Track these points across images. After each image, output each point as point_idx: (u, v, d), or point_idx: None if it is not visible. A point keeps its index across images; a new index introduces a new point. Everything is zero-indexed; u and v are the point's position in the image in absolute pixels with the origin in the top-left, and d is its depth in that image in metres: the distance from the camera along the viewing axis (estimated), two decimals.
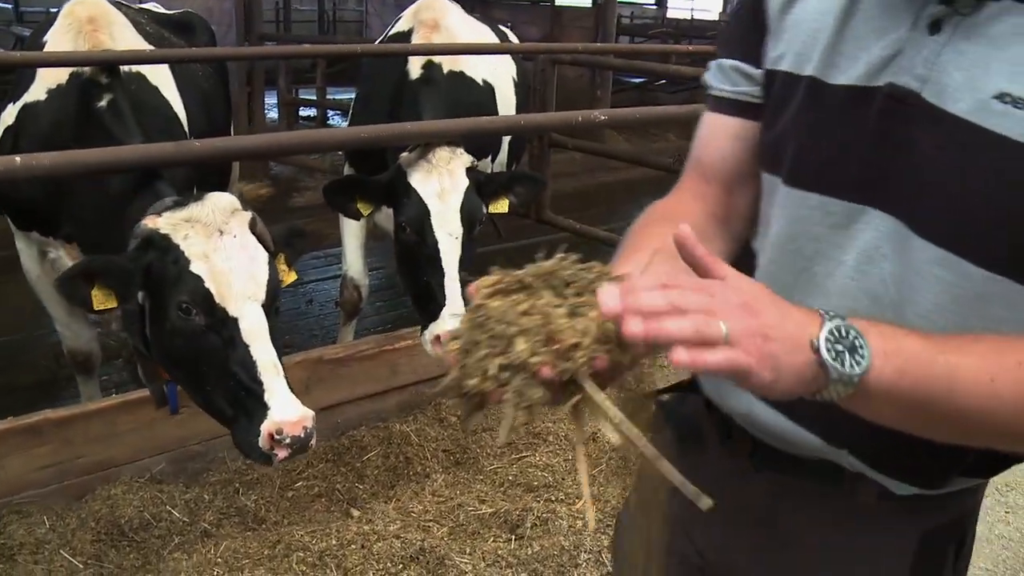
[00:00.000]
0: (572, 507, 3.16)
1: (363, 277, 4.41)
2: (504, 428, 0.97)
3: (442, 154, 3.36)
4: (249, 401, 2.37)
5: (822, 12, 1.14)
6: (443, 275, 3.24)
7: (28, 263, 3.43)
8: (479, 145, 3.57)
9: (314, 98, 9.54)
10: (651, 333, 0.88)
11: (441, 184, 3.32)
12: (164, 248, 2.44)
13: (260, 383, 2.36)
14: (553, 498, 3.23)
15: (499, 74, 4.52)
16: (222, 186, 4.12)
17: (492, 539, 2.95)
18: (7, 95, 3.42)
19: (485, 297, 0.99)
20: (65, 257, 3.23)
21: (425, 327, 3.24)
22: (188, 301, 2.40)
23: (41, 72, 3.21)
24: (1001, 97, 0.97)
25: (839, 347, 0.90)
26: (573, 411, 0.97)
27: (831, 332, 0.90)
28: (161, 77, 3.46)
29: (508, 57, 4.74)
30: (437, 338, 3.14)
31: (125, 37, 3.45)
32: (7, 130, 3.25)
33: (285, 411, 2.33)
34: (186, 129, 3.46)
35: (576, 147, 6.18)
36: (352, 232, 4.32)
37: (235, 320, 2.39)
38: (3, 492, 2.90)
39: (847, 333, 0.90)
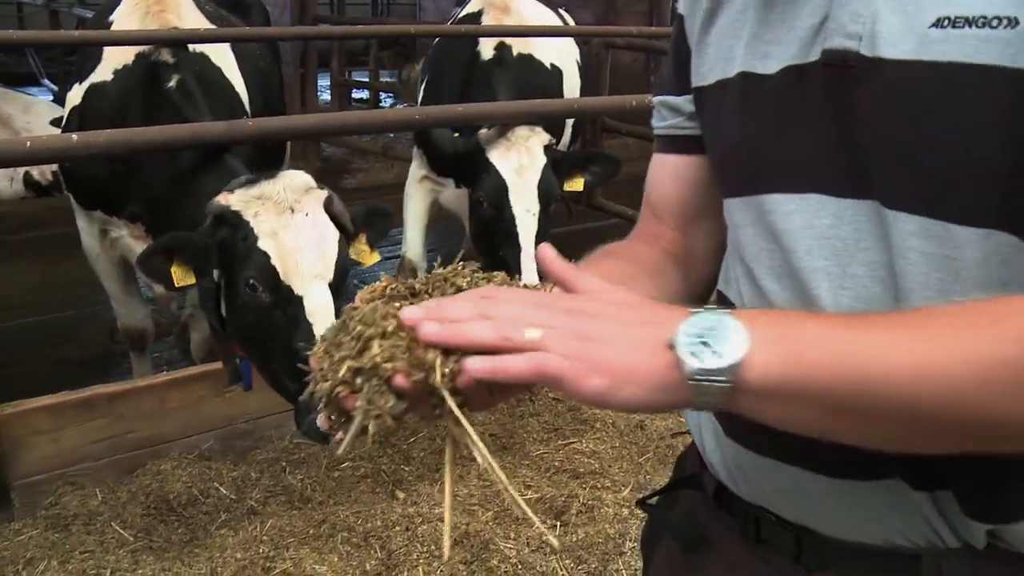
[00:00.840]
0: (618, 495, 3.14)
1: (421, 260, 4.42)
2: (348, 437, 0.89)
3: (521, 131, 3.40)
4: (291, 385, 2.36)
5: (743, 9, 1.03)
6: (519, 250, 3.30)
7: (89, 241, 3.47)
8: (544, 127, 3.56)
9: (367, 80, 9.56)
10: (445, 336, 0.82)
11: (520, 160, 3.38)
12: (235, 225, 2.46)
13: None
14: (599, 485, 3.20)
15: (565, 58, 4.49)
16: (276, 166, 4.15)
17: (536, 525, 2.92)
18: (72, 75, 3.46)
19: (364, 300, 0.94)
20: (128, 236, 3.27)
21: None
22: (255, 278, 2.41)
23: (107, 52, 3.23)
24: (939, 23, 0.84)
25: (700, 340, 0.77)
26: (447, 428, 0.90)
27: (691, 325, 0.78)
28: (224, 57, 3.47)
29: (572, 41, 4.70)
30: None
31: (189, 17, 3.48)
32: (73, 109, 3.28)
33: None
34: (248, 109, 3.48)
35: (630, 132, 6.11)
36: (416, 213, 4.31)
37: (300, 298, 2.40)
38: (59, 464, 2.96)
39: (713, 325, 0.77)
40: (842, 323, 0.79)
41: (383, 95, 10.20)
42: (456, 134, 3.58)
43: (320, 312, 2.40)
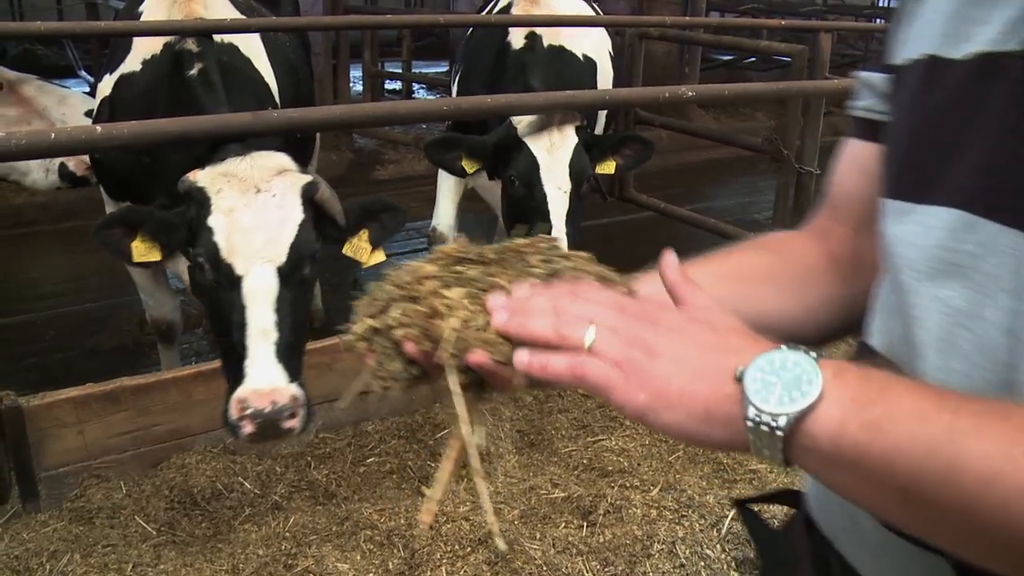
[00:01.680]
0: (647, 495, 3.08)
1: (450, 231, 4.40)
2: (347, 393, 0.92)
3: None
4: (238, 365, 2.29)
5: None
6: (551, 227, 3.32)
7: None
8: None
9: (399, 71, 9.53)
10: (511, 328, 0.80)
11: (551, 139, 3.38)
12: (200, 201, 2.41)
13: (246, 347, 2.26)
14: (628, 484, 3.15)
15: (599, 49, 4.44)
16: (306, 157, 4.12)
17: (563, 525, 2.88)
18: (103, 66, 3.45)
19: (426, 261, 0.92)
20: None
21: None
22: (201, 253, 2.35)
23: (136, 43, 3.22)
24: None
25: (771, 378, 0.69)
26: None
27: (769, 361, 0.71)
28: (253, 47, 3.44)
29: (604, 32, 4.64)
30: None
31: (217, 6, 3.45)
32: (104, 100, 3.27)
33: (256, 380, 2.22)
34: (277, 100, 3.45)
35: (663, 124, 6.03)
36: (448, 188, 4.30)
37: (240, 278, 2.31)
38: (83, 456, 2.95)
39: (793, 364, 0.70)
40: (939, 403, 0.67)
41: (416, 86, 10.16)
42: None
43: (257, 295, 2.30)
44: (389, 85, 10.25)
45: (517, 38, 3.88)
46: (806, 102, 4.57)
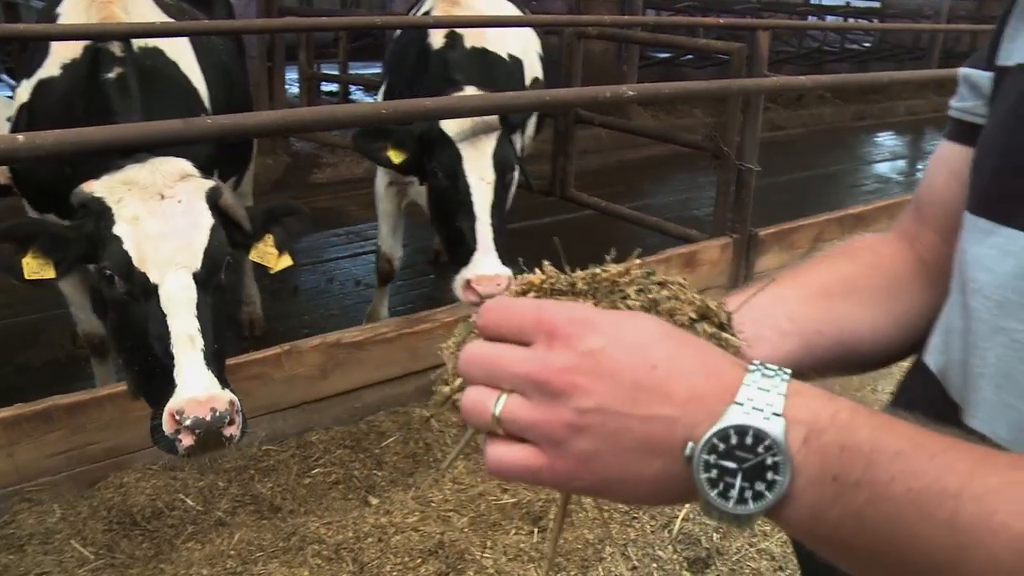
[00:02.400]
0: (523, 483, 3.05)
1: (396, 251, 4.46)
2: (453, 454, 0.83)
3: None
4: (163, 379, 2.19)
5: None
6: (474, 219, 3.30)
7: None
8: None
9: (336, 72, 9.42)
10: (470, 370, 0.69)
11: (474, 130, 3.35)
12: (99, 212, 2.31)
13: (172, 357, 2.17)
14: None
15: (527, 49, 4.41)
16: (243, 163, 4.03)
17: (514, 531, 2.84)
18: (20, 71, 3.33)
19: (513, 294, 0.83)
20: None
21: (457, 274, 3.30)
22: (108, 266, 2.26)
23: (55, 47, 3.11)
24: None
25: (728, 464, 0.59)
26: None
27: (724, 437, 0.59)
28: (180, 51, 3.35)
29: (532, 32, 4.61)
30: (468, 283, 3.22)
31: (140, 9, 3.34)
32: (22, 107, 3.15)
33: (190, 388, 2.13)
34: (207, 105, 3.36)
35: (603, 123, 6.03)
36: (384, 211, 4.35)
37: (155, 287, 2.23)
38: (13, 480, 2.83)
39: (755, 439, 0.58)
40: (941, 484, 0.57)
41: (353, 87, 10.05)
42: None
43: (175, 302, 2.22)
44: (326, 87, 10.12)
45: (437, 38, 3.85)
46: (746, 99, 4.60)
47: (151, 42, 3.20)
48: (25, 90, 3.15)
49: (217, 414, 2.11)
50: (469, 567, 2.65)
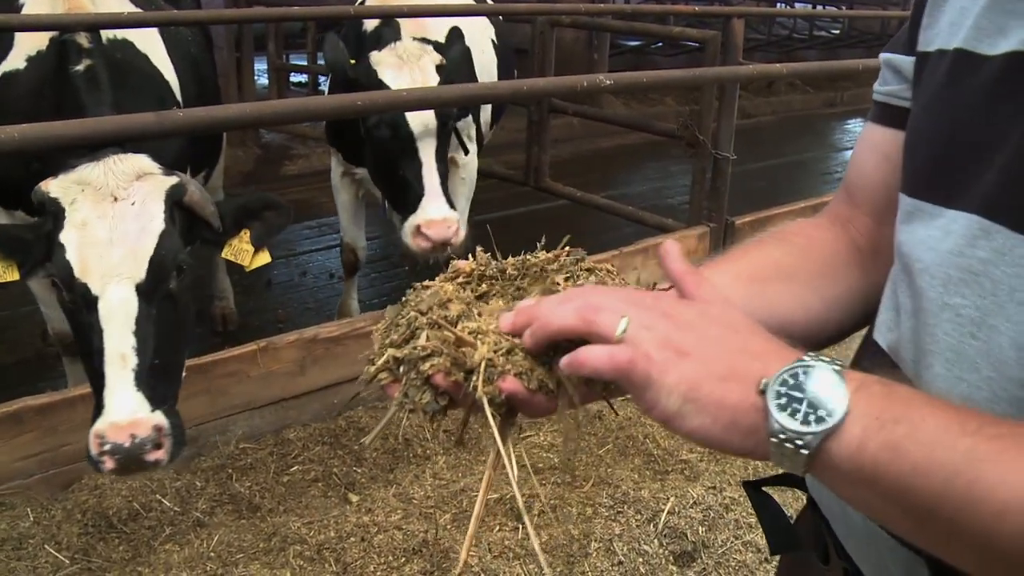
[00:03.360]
0: (580, 491, 3.04)
1: (359, 242, 4.43)
2: (374, 431, 0.90)
3: (412, 48, 3.40)
4: (98, 393, 2.13)
5: None
6: (420, 165, 3.28)
7: None
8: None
9: (305, 63, 9.31)
10: (536, 336, 0.77)
11: (412, 78, 3.34)
12: (55, 213, 2.23)
13: (103, 376, 2.10)
14: (560, 481, 3.10)
15: (480, 37, 4.34)
16: (214, 156, 3.95)
17: (498, 528, 2.81)
18: None
19: (443, 279, 0.90)
20: None
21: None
22: (54, 273, 2.19)
23: (19, 38, 3.02)
24: None
25: (796, 393, 0.67)
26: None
27: (791, 373, 0.68)
28: (151, 43, 3.27)
29: (486, 19, 4.55)
30: (418, 228, 3.23)
31: (107, 0, 3.26)
32: None
33: (113, 412, 2.06)
34: (179, 97, 3.29)
35: (576, 112, 6.01)
36: (343, 202, 4.33)
37: (96, 299, 2.15)
38: None
39: (817, 379, 0.68)
40: (962, 425, 0.64)
41: (322, 78, 9.95)
42: (352, 61, 3.51)
43: (113, 316, 2.13)
44: (295, 78, 10.01)
45: (371, 25, 3.84)
46: (721, 87, 4.58)
47: (121, 34, 3.11)
48: None
49: (137, 440, 2.03)
50: (454, 565, 2.62)
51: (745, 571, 2.71)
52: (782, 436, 0.67)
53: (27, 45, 2.98)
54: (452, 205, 3.38)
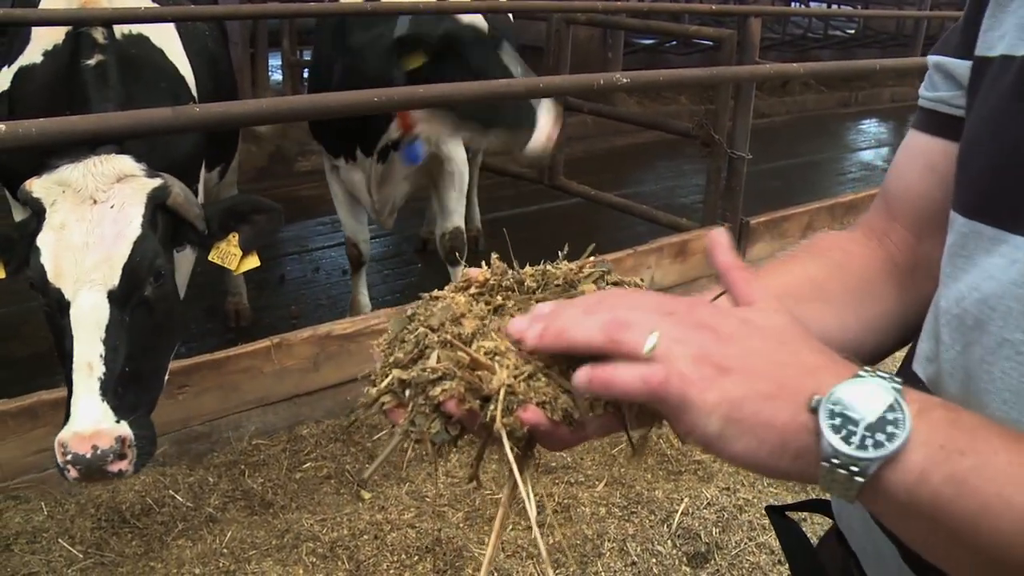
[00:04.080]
0: (594, 491, 3.02)
1: (361, 234, 4.41)
2: (376, 463, 0.81)
3: None
4: (67, 403, 2.10)
5: None
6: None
7: None
8: None
9: None
10: (545, 343, 0.69)
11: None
12: (38, 213, 2.22)
13: (71, 382, 2.08)
14: (573, 480, 3.09)
15: None
16: (230, 151, 3.95)
17: (511, 527, 2.80)
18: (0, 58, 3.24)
19: (454, 290, 0.80)
20: None
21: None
22: (30, 277, 2.17)
23: (36, 33, 3.02)
24: None
25: (852, 415, 0.61)
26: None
27: (847, 391, 0.62)
28: (166, 38, 3.27)
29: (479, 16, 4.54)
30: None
31: None
32: (2, 95, 3.07)
33: (76, 421, 2.03)
34: (194, 93, 3.28)
35: (591, 111, 5.98)
36: (340, 198, 4.33)
37: (68, 304, 2.12)
38: None
39: (876, 399, 0.62)
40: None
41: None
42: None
43: (82, 324, 2.10)
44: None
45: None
46: (736, 86, 4.56)
47: (136, 28, 3.11)
48: (5, 78, 3.06)
49: (99, 452, 2.01)
50: (467, 564, 2.61)
51: (758, 572, 2.69)
52: (835, 461, 0.62)
53: (44, 40, 2.98)
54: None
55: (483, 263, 0.85)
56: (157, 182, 2.31)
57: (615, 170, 8.07)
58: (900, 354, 0.99)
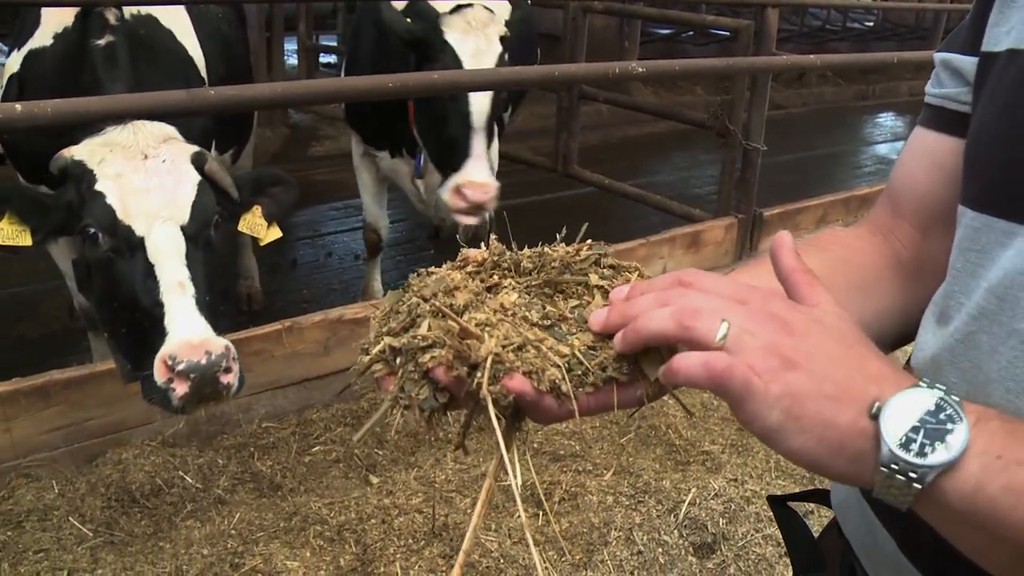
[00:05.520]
0: (601, 480, 3.02)
1: (381, 220, 4.47)
2: (366, 426, 0.80)
3: (480, 16, 3.41)
4: (153, 331, 2.10)
5: None
6: (471, 128, 3.30)
7: None
8: None
9: (335, 44, 9.31)
10: (628, 339, 0.70)
11: (478, 45, 3.37)
12: (79, 176, 2.25)
13: (161, 305, 2.09)
14: (581, 469, 3.09)
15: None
16: (244, 134, 3.96)
17: (518, 514, 2.81)
18: (11, 41, 3.25)
19: (451, 267, 0.82)
20: None
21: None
22: (92, 223, 2.19)
23: (46, 16, 3.03)
24: None
25: (912, 422, 0.63)
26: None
27: (908, 400, 0.64)
28: (176, 19, 3.27)
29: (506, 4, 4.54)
30: (457, 188, 3.27)
31: None
32: (12, 78, 3.07)
33: (183, 331, 2.04)
34: (204, 75, 3.29)
35: (607, 100, 5.97)
36: (366, 184, 4.38)
37: (141, 239, 2.16)
38: (11, 455, 2.79)
39: (936, 408, 0.63)
40: None
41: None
42: (408, 19, 3.52)
43: (164, 254, 2.15)
44: (325, 58, 10.01)
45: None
46: (753, 77, 4.53)
47: (145, 9, 3.12)
48: (16, 60, 3.07)
49: (212, 357, 2.01)
50: (474, 550, 2.62)
51: (764, 564, 2.69)
52: (893, 467, 0.62)
53: (54, 22, 2.99)
54: (494, 173, 3.41)
55: (482, 245, 0.86)
56: (196, 148, 2.39)
57: (630, 159, 8.05)
58: (909, 348, 0.99)
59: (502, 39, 3.41)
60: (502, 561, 2.58)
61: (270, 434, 3.21)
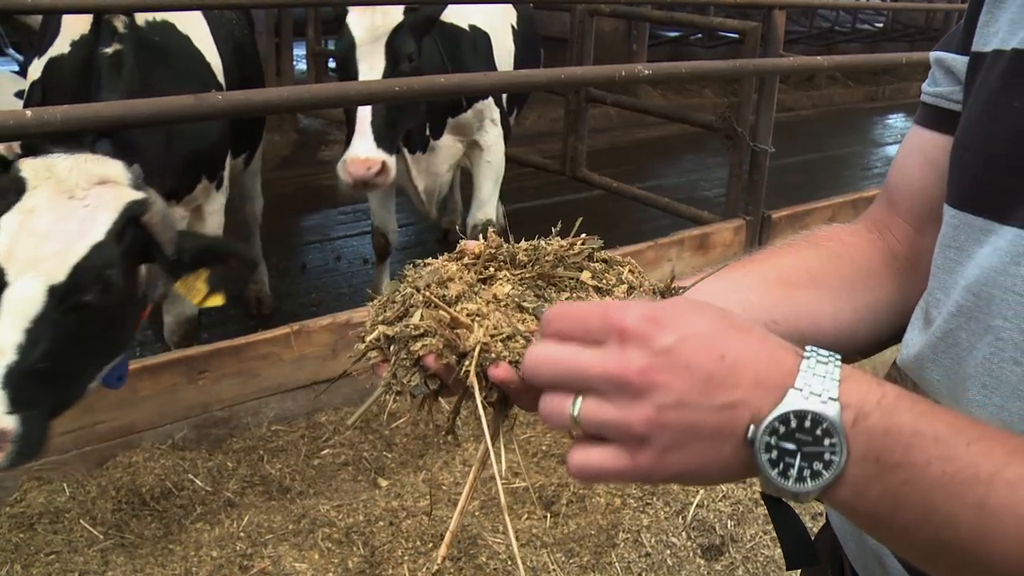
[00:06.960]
0: (608, 483, 3.02)
1: (389, 224, 4.49)
2: (359, 411, 0.85)
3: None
4: None
5: None
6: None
7: None
8: None
9: None
10: (525, 372, 0.70)
11: (373, 20, 3.50)
12: (18, 192, 2.20)
13: None
14: None
15: (494, 21, 4.31)
16: (255, 139, 3.98)
17: (526, 516, 2.82)
18: (33, 48, 3.28)
19: (447, 259, 0.85)
20: None
21: None
22: None
23: (65, 23, 3.06)
24: None
25: (788, 445, 0.61)
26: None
27: (783, 420, 0.61)
28: (193, 25, 3.30)
29: (509, 6, 4.53)
30: (343, 164, 3.41)
31: None
32: (33, 85, 3.11)
33: None
34: (221, 80, 3.31)
35: (614, 102, 5.97)
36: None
37: (4, 286, 2.09)
38: None
39: (812, 423, 0.60)
40: (975, 470, 0.59)
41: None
42: None
43: (10, 307, 2.06)
44: (333, 63, 10.04)
45: None
46: (760, 80, 4.53)
47: (161, 16, 3.14)
48: (37, 68, 3.10)
49: None
50: (481, 552, 2.63)
51: (773, 566, 2.69)
52: (775, 491, 0.64)
53: (72, 30, 3.02)
54: (389, 147, 3.47)
55: (480, 238, 0.88)
56: (138, 196, 2.28)
57: (637, 162, 8.05)
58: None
59: (407, 9, 3.53)
60: (510, 563, 2.59)
61: (279, 437, 3.23)
